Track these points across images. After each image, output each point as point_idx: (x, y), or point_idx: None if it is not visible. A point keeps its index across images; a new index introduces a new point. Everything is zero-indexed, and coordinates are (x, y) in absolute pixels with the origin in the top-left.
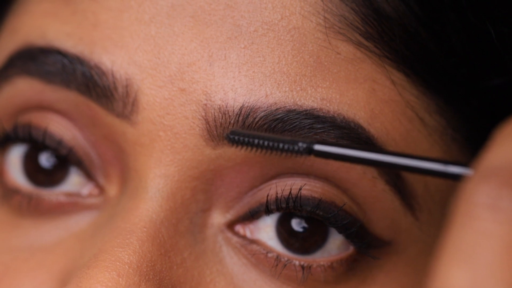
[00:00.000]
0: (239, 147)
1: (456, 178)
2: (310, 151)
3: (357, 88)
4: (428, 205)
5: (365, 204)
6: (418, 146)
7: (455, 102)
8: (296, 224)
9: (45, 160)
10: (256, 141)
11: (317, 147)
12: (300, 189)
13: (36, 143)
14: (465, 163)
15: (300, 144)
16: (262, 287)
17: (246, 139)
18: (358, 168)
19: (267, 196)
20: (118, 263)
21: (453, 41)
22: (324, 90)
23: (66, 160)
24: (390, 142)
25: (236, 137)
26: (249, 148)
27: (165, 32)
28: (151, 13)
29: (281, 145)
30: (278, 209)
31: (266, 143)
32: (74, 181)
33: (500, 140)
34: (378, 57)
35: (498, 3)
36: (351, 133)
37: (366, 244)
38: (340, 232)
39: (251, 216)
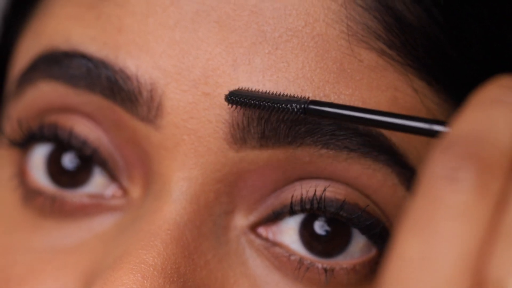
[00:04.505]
0: (238, 107)
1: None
2: (304, 111)
3: (379, 96)
4: None
5: (386, 210)
6: None
7: None
8: (319, 227)
9: (68, 161)
10: (253, 101)
11: (311, 106)
12: (324, 190)
13: (61, 142)
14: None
15: (294, 104)
16: None
17: (243, 100)
18: (379, 175)
19: (292, 197)
20: (142, 265)
21: (474, 49)
22: (346, 97)
23: (89, 162)
24: (411, 149)
25: (235, 98)
26: (248, 107)
27: (190, 37)
28: (175, 18)
29: (276, 105)
30: (302, 210)
31: (262, 103)
32: (97, 183)
33: (466, 110)
34: (400, 65)
35: None
36: (372, 141)
37: (389, 246)
38: (363, 233)
39: (275, 217)
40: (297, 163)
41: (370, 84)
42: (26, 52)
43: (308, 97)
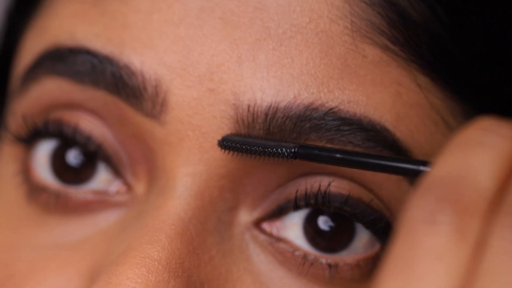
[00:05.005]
0: (231, 153)
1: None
2: (294, 155)
3: (383, 91)
4: None
5: (390, 205)
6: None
7: (479, 106)
8: (323, 223)
9: (72, 157)
10: (244, 146)
11: (300, 150)
12: (329, 184)
13: (66, 138)
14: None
15: (284, 149)
16: (289, 285)
17: (235, 145)
18: None
19: (296, 191)
20: (147, 259)
21: (477, 46)
22: (351, 92)
23: (93, 158)
24: (415, 145)
25: (227, 143)
26: (240, 153)
27: (195, 33)
28: (180, 15)
29: (267, 150)
30: (306, 205)
31: (254, 148)
32: (101, 179)
33: (446, 153)
34: (404, 61)
35: None
36: (377, 136)
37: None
38: (367, 227)
39: (279, 212)
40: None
41: (374, 80)
42: (30, 49)
43: (298, 143)
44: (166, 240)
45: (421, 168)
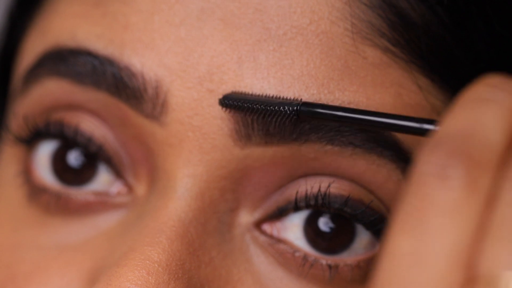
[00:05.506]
0: (232, 111)
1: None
2: (297, 113)
3: (383, 92)
4: None
5: (391, 206)
6: None
7: None
8: (324, 224)
9: (73, 159)
10: (246, 104)
11: (303, 108)
12: (329, 185)
13: (67, 139)
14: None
15: (287, 106)
16: (289, 286)
17: (236, 103)
18: (384, 171)
19: (296, 193)
20: (147, 261)
21: (479, 48)
22: (351, 93)
23: (94, 159)
24: (416, 145)
25: (228, 101)
26: (241, 111)
27: (195, 34)
28: (181, 16)
29: (269, 108)
30: (307, 206)
31: (255, 106)
32: (102, 180)
33: (455, 109)
34: (404, 63)
35: None
36: (377, 137)
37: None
38: (367, 228)
39: (279, 213)
40: (302, 160)
41: (375, 81)
42: (32, 49)
43: (301, 99)
44: (167, 242)
45: (425, 126)
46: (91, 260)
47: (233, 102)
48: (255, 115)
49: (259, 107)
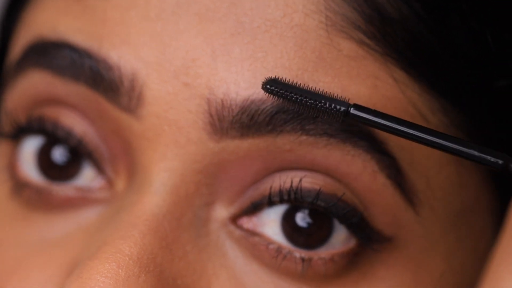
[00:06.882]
0: (275, 97)
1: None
2: (346, 114)
3: (359, 83)
4: (430, 201)
5: (366, 199)
6: None
7: (458, 101)
8: (301, 220)
9: (58, 155)
10: (293, 95)
11: (353, 111)
12: (300, 180)
13: (47, 134)
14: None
15: (338, 106)
16: (262, 278)
17: (283, 92)
18: (358, 161)
19: (270, 188)
20: (118, 254)
21: (456, 42)
22: (325, 84)
23: (79, 156)
24: (391, 137)
25: (273, 88)
26: (286, 100)
27: (171, 29)
28: (157, 11)
29: (318, 104)
30: (281, 201)
31: (303, 99)
32: (86, 176)
33: None
34: (380, 55)
35: (497, 10)
36: (353, 128)
37: (368, 236)
38: (341, 222)
39: (254, 208)
40: (277, 152)
41: (350, 73)
42: (19, 42)
43: (348, 99)
44: (139, 236)
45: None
46: (71, 255)
47: (279, 90)
48: (301, 108)
49: (306, 101)
